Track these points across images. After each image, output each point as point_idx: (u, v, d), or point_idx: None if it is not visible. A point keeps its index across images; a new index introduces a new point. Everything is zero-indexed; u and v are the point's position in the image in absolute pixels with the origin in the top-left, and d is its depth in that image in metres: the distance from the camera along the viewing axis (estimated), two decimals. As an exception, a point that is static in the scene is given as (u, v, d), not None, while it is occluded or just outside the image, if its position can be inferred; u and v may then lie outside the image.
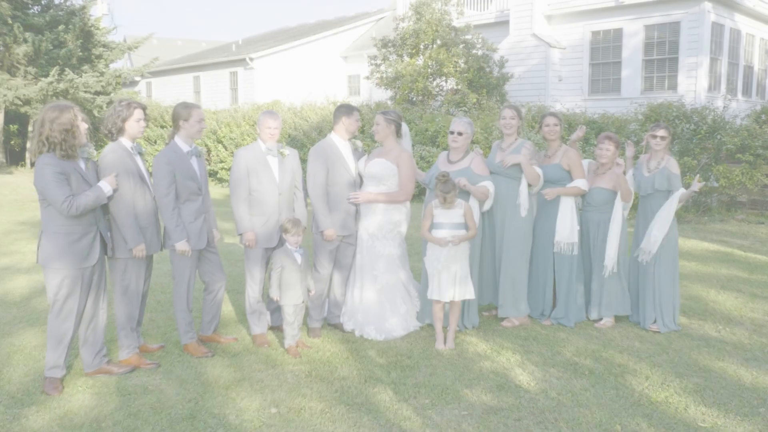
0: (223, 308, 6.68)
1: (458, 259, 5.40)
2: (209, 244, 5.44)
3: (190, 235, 5.21)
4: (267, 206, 5.54)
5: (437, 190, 5.40)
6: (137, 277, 5.08)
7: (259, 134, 5.66)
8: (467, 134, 5.94)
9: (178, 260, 5.28)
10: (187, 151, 5.24)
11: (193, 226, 5.24)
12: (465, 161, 5.91)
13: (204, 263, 5.47)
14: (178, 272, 5.31)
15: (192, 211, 5.24)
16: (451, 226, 5.42)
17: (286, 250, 5.35)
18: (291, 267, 5.31)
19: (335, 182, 5.75)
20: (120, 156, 4.93)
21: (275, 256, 5.35)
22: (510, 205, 5.97)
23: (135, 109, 4.99)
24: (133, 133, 5.02)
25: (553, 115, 6.19)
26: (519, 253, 5.98)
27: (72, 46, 21.80)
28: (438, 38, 17.55)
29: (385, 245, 5.83)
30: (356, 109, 5.91)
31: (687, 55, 16.99)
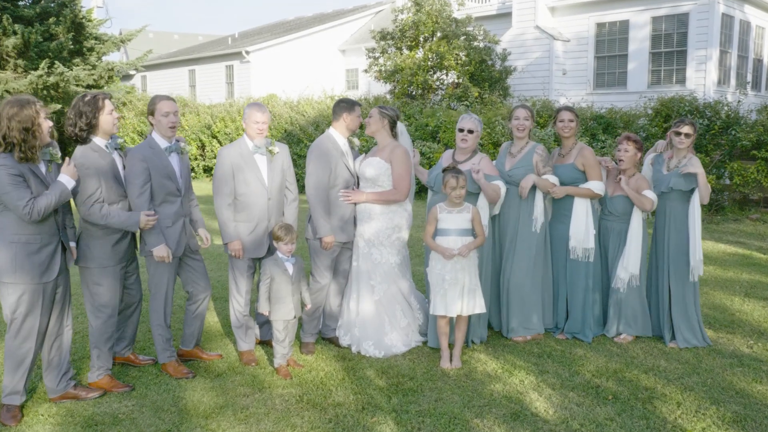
0: (210, 319, 6.16)
1: (467, 269, 4.88)
2: (191, 249, 4.92)
3: (167, 240, 4.69)
4: (255, 211, 5.01)
5: (445, 184, 4.88)
6: (111, 290, 4.55)
7: (245, 130, 5.12)
8: (477, 132, 5.43)
9: (155, 268, 4.76)
10: (165, 147, 4.70)
11: (171, 231, 4.72)
12: (473, 161, 5.40)
13: (186, 271, 4.96)
14: (154, 282, 4.79)
15: (170, 214, 4.71)
16: (458, 232, 4.90)
17: (276, 260, 4.83)
18: (281, 278, 4.79)
19: (335, 184, 5.22)
20: (93, 160, 4.41)
21: (264, 266, 4.83)
22: (522, 215, 5.46)
23: (104, 100, 4.45)
24: (107, 128, 4.48)
25: (569, 110, 5.66)
26: (531, 264, 5.45)
27: (63, 38, 21.23)
28: (438, 30, 17.00)
29: (383, 253, 5.30)
30: (358, 104, 5.37)
31: (696, 48, 16.45)
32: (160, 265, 4.73)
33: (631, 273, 5.37)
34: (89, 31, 22.33)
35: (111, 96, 4.59)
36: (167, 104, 4.69)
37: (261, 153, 5.07)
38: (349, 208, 5.28)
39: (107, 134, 4.51)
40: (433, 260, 4.99)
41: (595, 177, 5.47)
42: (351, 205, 5.29)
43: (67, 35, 21.27)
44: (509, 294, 5.50)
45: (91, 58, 22.48)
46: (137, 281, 4.91)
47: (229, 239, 4.97)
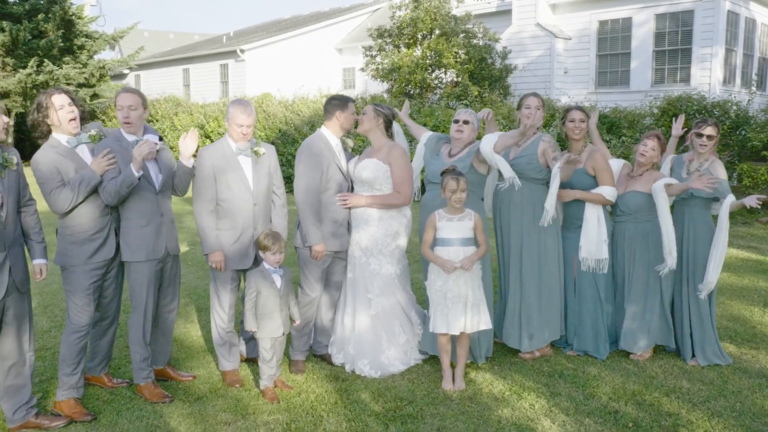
0: (191, 333, 5.72)
1: (470, 283, 4.44)
2: (170, 252, 4.49)
3: (140, 244, 4.27)
4: (239, 218, 4.58)
5: (444, 187, 4.47)
6: (81, 303, 4.14)
7: (227, 130, 4.68)
8: (473, 125, 5.05)
9: (135, 277, 4.33)
10: (132, 141, 4.31)
11: (145, 231, 4.30)
12: (464, 151, 5.03)
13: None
14: (135, 292, 4.35)
15: (143, 213, 4.31)
16: (459, 242, 4.47)
17: (262, 271, 4.40)
18: (268, 292, 4.35)
19: (327, 187, 4.79)
20: (50, 160, 4.00)
21: (249, 279, 4.39)
22: (529, 213, 5.02)
23: (53, 96, 4.06)
24: (61, 124, 4.09)
25: (580, 110, 5.24)
26: (539, 270, 5.02)
27: (52, 35, 20.76)
28: (437, 27, 16.55)
29: (381, 262, 4.87)
30: (351, 100, 4.94)
31: (701, 46, 16.04)
32: (141, 274, 4.31)
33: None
34: (79, 28, 21.87)
35: (69, 91, 4.17)
36: (122, 97, 4.28)
37: (245, 154, 4.64)
38: (343, 213, 4.85)
39: (66, 130, 4.11)
40: (433, 274, 4.55)
41: (606, 182, 5.05)
42: (345, 211, 4.87)
43: (57, 32, 20.80)
44: (516, 303, 5.06)
45: (81, 56, 22.03)
46: (117, 291, 4.49)
47: (209, 249, 4.53)
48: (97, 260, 4.21)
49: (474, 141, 5.10)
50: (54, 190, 4.02)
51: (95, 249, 4.19)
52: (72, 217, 4.15)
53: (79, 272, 4.16)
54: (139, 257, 4.29)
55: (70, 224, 4.15)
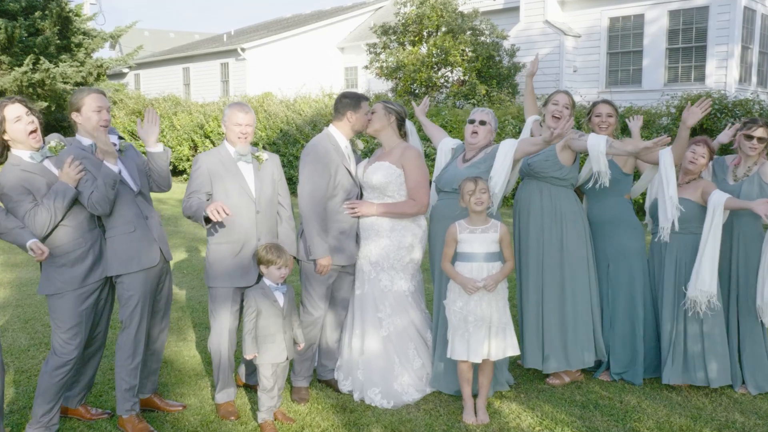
0: (183, 353, 5.21)
1: (494, 304, 3.93)
2: (165, 259, 4.01)
3: (131, 252, 3.78)
4: (239, 229, 4.08)
5: (461, 193, 3.96)
6: (71, 333, 3.70)
7: (225, 134, 4.19)
8: (490, 126, 4.50)
9: (129, 294, 3.82)
10: (88, 145, 3.81)
11: (133, 236, 3.81)
12: (480, 155, 4.49)
13: None
14: (126, 311, 3.84)
15: (129, 219, 3.82)
16: (483, 257, 3.95)
17: (263, 289, 3.89)
18: (270, 312, 3.85)
19: (334, 194, 4.29)
20: (16, 180, 3.55)
21: (248, 298, 3.87)
22: (550, 219, 4.50)
23: (6, 107, 3.58)
24: (19, 138, 3.60)
25: (608, 104, 4.75)
26: (567, 282, 4.50)
27: (49, 33, 20.28)
28: (443, 24, 16.05)
29: (393, 278, 4.37)
30: (365, 99, 4.43)
31: (716, 43, 15.52)
32: (135, 287, 3.81)
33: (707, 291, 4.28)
34: (77, 26, 21.36)
35: (24, 101, 3.66)
36: (99, 98, 3.77)
37: (246, 160, 4.15)
38: (351, 223, 4.35)
39: (27, 145, 3.63)
40: (453, 293, 4.04)
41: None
42: (353, 220, 4.36)
43: (54, 30, 20.32)
44: (541, 319, 4.55)
45: (79, 54, 21.52)
46: (108, 313, 4.02)
47: (208, 265, 4.06)
48: (93, 281, 3.74)
49: (491, 144, 4.58)
50: (28, 213, 3.54)
51: (88, 269, 3.72)
52: (55, 237, 3.66)
53: (72, 298, 3.68)
54: (133, 267, 3.80)
55: (55, 245, 3.66)
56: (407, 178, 4.35)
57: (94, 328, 3.93)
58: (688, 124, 4.25)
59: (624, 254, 4.59)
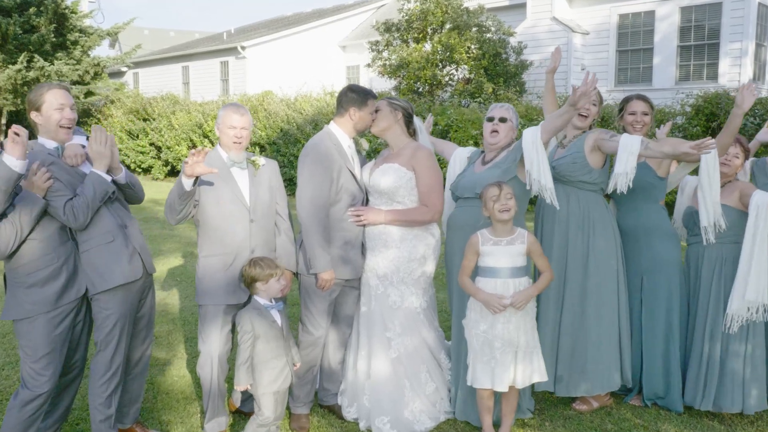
0: (171, 373, 4.77)
1: (522, 326, 3.49)
2: (147, 272, 3.57)
3: (111, 265, 3.34)
4: (231, 240, 3.65)
5: (484, 200, 3.51)
6: (44, 363, 3.27)
7: (218, 138, 3.76)
8: (512, 123, 4.03)
9: (106, 313, 3.38)
10: (54, 148, 3.37)
11: (112, 247, 3.37)
12: (501, 155, 4.03)
13: None
14: (107, 331, 3.40)
15: (109, 228, 3.37)
16: (509, 272, 3.51)
17: (258, 309, 3.45)
18: (269, 334, 3.41)
19: (337, 199, 3.85)
20: None
21: (242, 321, 3.42)
22: (576, 227, 4.05)
23: None
24: None
25: (643, 100, 4.28)
26: (591, 296, 4.05)
27: (44, 30, 19.84)
28: (448, 21, 15.58)
29: (403, 293, 3.92)
30: (372, 95, 3.97)
31: (729, 41, 15.06)
32: (116, 304, 3.37)
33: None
34: (73, 23, 20.92)
35: None
36: (61, 94, 3.33)
37: (241, 167, 3.72)
38: (356, 232, 3.90)
39: None
40: (474, 313, 3.58)
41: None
42: (358, 229, 3.92)
43: (49, 27, 19.87)
44: (557, 336, 4.10)
45: (75, 52, 21.07)
46: (86, 335, 3.58)
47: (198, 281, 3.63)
48: (68, 301, 3.30)
49: (513, 142, 4.13)
50: None
51: (62, 287, 3.27)
52: (22, 255, 3.22)
53: (43, 323, 3.24)
54: (114, 281, 3.35)
55: (22, 264, 3.23)
56: (419, 182, 3.90)
57: (72, 355, 3.49)
58: (744, 107, 3.81)
59: (660, 266, 4.13)
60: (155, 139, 19.16)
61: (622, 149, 3.75)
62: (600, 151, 3.98)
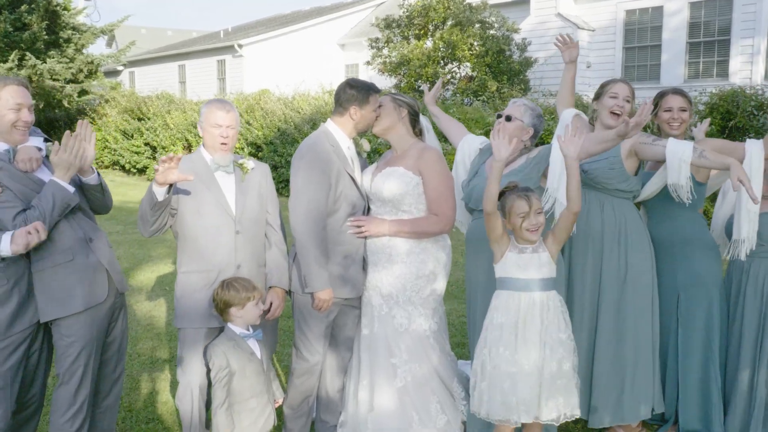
0: (154, 398, 4.31)
1: (557, 347, 3.02)
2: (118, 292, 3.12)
3: (71, 288, 2.88)
4: (214, 254, 3.21)
5: (508, 212, 3.05)
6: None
7: (202, 139, 3.31)
8: (519, 122, 3.58)
9: (69, 338, 2.94)
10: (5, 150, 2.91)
11: (74, 266, 2.92)
12: (519, 161, 3.56)
13: None
14: (68, 362, 2.95)
15: (73, 241, 2.93)
16: (539, 284, 3.04)
17: (233, 340, 2.99)
18: (248, 370, 2.96)
19: (336, 208, 3.39)
20: None
21: (216, 356, 2.95)
22: (612, 241, 3.59)
23: None
24: None
25: (681, 94, 3.83)
26: (628, 317, 3.59)
27: (36, 28, 19.38)
28: (450, 17, 15.13)
29: (410, 315, 3.47)
30: (376, 90, 3.52)
31: (741, 37, 14.61)
32: (78, 332, 2.93)
33: None
34: (65, 20, 20.45)
35: None
36: (18, 92, 2.88)
37: (226, 171, 3.26)
38: (356, 246, 3.45)
39: None
40: (493, 328, 3.10)
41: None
42: (360, 242, 3.46)
43: (41, 24, 19.41)
44: (591, 363, 3.65)
45: (68, 50, 20.61)
46: (44, 366, 3.13)
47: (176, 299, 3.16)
48: (20, 329, 2.87)
49: (531, 147, 3.68)
50: None
51: (13, 314, 2.83)
52: None
53: None
54: (74, 306, 2.90)
55: None
56: (427, 187, 3.45)
57: (27, 389, 3.03)
58: None
59: (699, 282, 3.66)
60: (150, 138, 18.73)
61: (671, 157, 3.31)
62: (636, 156, 3.54)
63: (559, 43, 4.02)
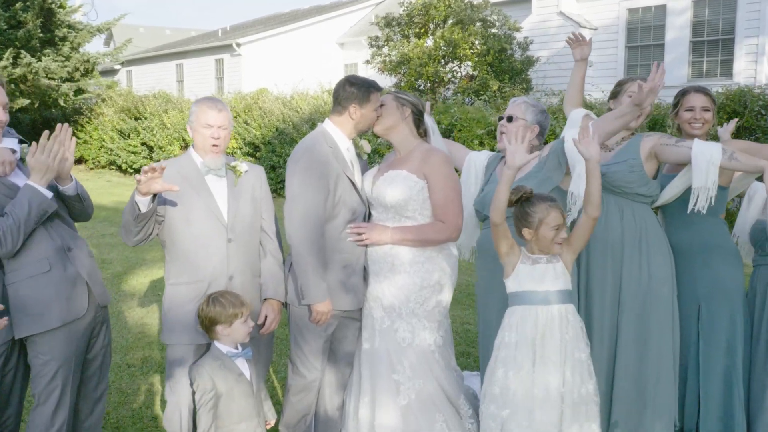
0: (143, 413, 4.09)
1: (578, 367, 2.80)
2: (100, 306, 2.91)
3: (47, 302, 2.66)
4: (205, 264, 3.00)
5: (536, 225, 2.82)
6: None
7: (192, 140, 3.09)
8: (521, 120, 3.39)
9: (46, 355, 2.72)
10: None
11: (49, 278, 2.69)
12: (532, 162, 3.33)
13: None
14: (45, 382, 2.74)
15: (47, 252, 2.70)
16: (557, 296, 2.83)
17: (220, 359, 2.77)
18: (237, 391, 2.75)
19: (335, 214, 3.17)
20: None
21: (200, 377, 2.73)
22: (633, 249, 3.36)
23: None
24: None
25: (703, 93, 3.61)
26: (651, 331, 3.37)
27: (31, 26, 19.14)
28: (451, 15, 14.92)
29: (414, 328, 3.25)
30: (377, 88, 3.29)
31: (745, 36, 14.41)
32: (52, 353, 2.71)
33: None
34: (61, 18, 20.20)
35: None
36: None
37: (218, 174, 3.04)
38: (357, 255, 3.23)
39: None
40: (507, 347, 2.89)
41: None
42: (360, 251, 3.24)
43: (36, 22, 19.17)
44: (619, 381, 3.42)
45: (64, 49, 20.38)
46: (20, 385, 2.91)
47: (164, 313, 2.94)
48: None
49: (541, 146, 3.47)
50: None
51: None
52: None
53: None
54: (50, 322, 2.68)
55: None
56: (432, 192, 3.22)
57: (2, 411, 2.82)
58: None
59: (722, 292, 3.45)
60: (147, 138, 18.52)
61: (698, 158, 3.09)
62: (656, 158, 3.33)
63: (570, 41, 3.82)
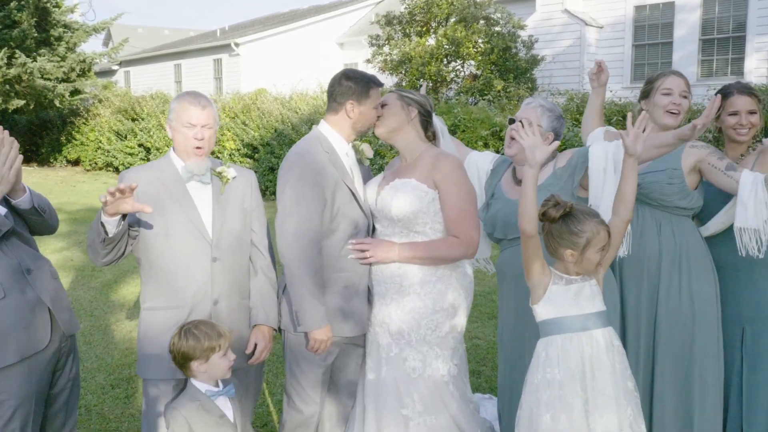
0: None
1: (630, 398, 2.43)
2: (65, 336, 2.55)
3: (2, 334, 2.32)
4: (186, 287, 2.62)
5: (584, 246, 2.42)
6: None
7: (172, 141, 2.71)
8: (539, 128, 2.94)
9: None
10: None
11: (4, 308, 2.32)
12: (546, 171, 2.96)
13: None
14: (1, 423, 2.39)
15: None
16: (594, 320, 2.45)
17: (200, 401, 2.38)
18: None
19: (334, 228, 2.80)
20: None
21: (171, 419, 2.35)
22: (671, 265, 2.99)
23: None
24: None
25: (747, 93, 3.21)
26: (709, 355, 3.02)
27: (26, 26, 18.80)
28: (454, 13, 14.56)
29: (425, 357, 2.87)
30: (378, 83, 2.92)
31: (757, 34, 14.05)
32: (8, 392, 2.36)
33: None
34: (56, 17, 19.86)
35: None
36: None
37: (201, 180, 2.66)
38: (360, 274, 2.85)
39: None
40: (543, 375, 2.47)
41: None
42: (364, 270, 2.86)
43: (31, 22, 18.83)
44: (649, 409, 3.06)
45: (59, 49, 20.04)
46: None
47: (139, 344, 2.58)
48: None
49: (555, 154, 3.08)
50: None
51: None
52: None
53: None
54: (7, 358, 2.32)
55: None
56: (445, 204, 2.85)
57: None
58: None
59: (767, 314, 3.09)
60: (144, 139, 18.18)
61: (745, 192, 2.72)
62: (698, 173, 2.98)
63: (592, 72, 3.44)
